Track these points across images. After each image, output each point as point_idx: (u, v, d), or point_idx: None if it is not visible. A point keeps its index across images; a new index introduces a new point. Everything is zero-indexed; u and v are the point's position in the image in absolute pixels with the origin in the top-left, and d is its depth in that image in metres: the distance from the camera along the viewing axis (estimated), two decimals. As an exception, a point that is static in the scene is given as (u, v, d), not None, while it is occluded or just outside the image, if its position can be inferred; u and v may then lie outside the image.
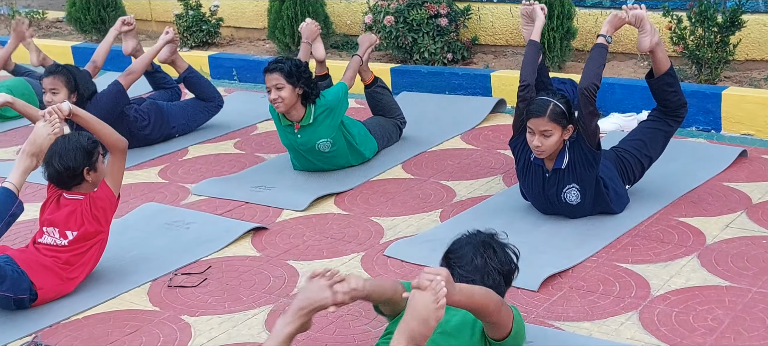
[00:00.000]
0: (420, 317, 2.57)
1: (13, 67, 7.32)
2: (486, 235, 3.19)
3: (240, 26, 8.99)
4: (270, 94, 5.08)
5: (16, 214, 3.84)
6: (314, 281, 2.86)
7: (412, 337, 2.57)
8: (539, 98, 4.26)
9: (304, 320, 2.85)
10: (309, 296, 2.84)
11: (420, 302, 2.58)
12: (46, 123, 3.95)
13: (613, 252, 4.10)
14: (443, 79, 6.90)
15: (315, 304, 2.83)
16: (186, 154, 6.04)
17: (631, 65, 6.77)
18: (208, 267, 4.28)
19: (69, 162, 4.00)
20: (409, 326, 2.57)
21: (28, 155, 3.89)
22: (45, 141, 3.92)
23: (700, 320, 3.48)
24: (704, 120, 5.83)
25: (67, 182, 4.05)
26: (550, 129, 4.18)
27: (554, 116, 4.16)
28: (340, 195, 5.08)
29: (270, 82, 5.07)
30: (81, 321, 3.88)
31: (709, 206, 4.53)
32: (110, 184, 4.10)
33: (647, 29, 4.40)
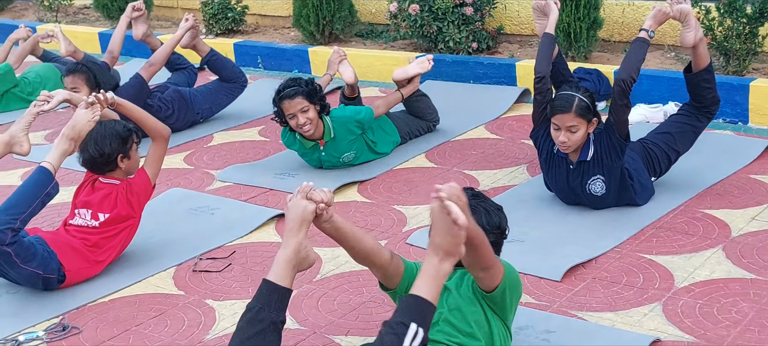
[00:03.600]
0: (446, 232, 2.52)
1: (42, 53, 7.39)
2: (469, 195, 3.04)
3: (265, 14, 9.02)
4: (294, 121, 4.94)
5: (52, 194, 3.90)
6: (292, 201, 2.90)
7: (446, 251, 2.53)
8: (563, 93, 4.24)
9: (297, 240, 2.86)
10: (291, 215, 2.88)
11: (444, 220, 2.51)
12: (87, 110, 4.01)
13: (637, 243, 4.09)
14: (468, 68, 6.89)
15: (298, 217, 2.87)
16: (211, 140, 6.08)
17: (658, 56, 6.73)
18: (233, 252, 4.31)
19: (104, 148, 4.07)
20: (440, 243, 2.53)
21: (68, 139, 3.96)
22: (85, 126, 3.99)
23: (724, 313, 3.47)
24: (731, 112, 5.79)
25: (101, 167, 4.12)
26: (576, 124, 4.16)
27: (580, 111, 4.15)
28: (364, 183, 5.09)
29: (294, 108, 4.91)
30: (107, 304, 3.93)
31: (735, 199, 4.50)
32: (149, 172, 4.17)
33: (692, 24, 4.33)
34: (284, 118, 5.02)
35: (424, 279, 2.57)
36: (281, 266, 2.85)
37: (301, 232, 2.88)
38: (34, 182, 3.86)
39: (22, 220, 3.78)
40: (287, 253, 2.86)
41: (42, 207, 3.89)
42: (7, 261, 3.80)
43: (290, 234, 2.88)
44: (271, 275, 2.85)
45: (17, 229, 3.77)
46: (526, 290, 3.70)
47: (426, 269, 2.58)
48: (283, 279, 2.84)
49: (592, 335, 3.35)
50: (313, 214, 2.89)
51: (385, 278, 3.17)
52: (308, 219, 2.89)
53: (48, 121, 6.56)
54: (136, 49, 8.22)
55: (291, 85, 4.97)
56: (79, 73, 5.66)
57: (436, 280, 2.56)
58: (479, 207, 3.07)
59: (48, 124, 6.51)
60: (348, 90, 5.59)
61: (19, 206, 3.80)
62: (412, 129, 5.65)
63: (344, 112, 5.19)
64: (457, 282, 3.06)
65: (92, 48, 8.69)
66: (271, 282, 2.83)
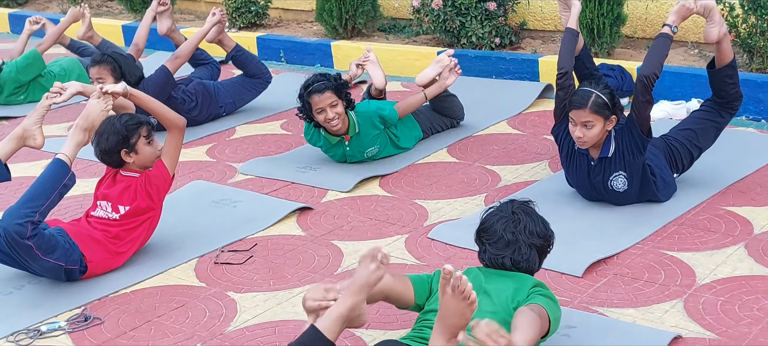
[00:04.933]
0: (457, 314, 2.62)
1: (68, 42, 7.45)
2: (517, 205, 3.20)
3: (288, 8, 9.04)
4: (323, 115, 4.93)
5: (69, 185, 3.92)
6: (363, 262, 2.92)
7: (452, 333, 2.63)
8: (581, 89, 4.22)
9: (356, 300, 2.89)
10: (357, 275, 2.90)
11: (454, 304, 2.62)
12: (100, 100, 4.03)
13: (659, 240, 4.08)
14: (491, 63, 6.88)
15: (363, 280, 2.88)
16: (233, 133, 6.11)
17: (681, 53, 6.69)
18: (254, 245, 4.33)
19: (102, 144, 4.11)
20: (447, 325, 2.63)
21: (81, 130, 3.98)
22: (98, 117, 4.01)
23: (746, 310, 3.45)
24: (755, 109, 5.74)
25: (108, 163, 4.17)
26: (592, 120, 4.15)
27: (596, 108, 4.13)
28: (385, 177, 5.10)
29: (323, 102, 4.92)
30: (129, 295, 3.96)
31: (758, 196, 4.47)
32: (166, 162, 4.18)
33: (716, 19, 4.30)
34: (311, 113, 5.01)
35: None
36: (333, 320, 2.87)
37: (362, 293, 2.90)
38: (51, 174, 3.88)
39: (41, 213, 3.80)
40: (342, 310, 2.88)
41: (60, 199, 3.90)
42: (28, 254, 3.82)
43: (351, 293, 2.89)
44: (320, 323, 2.87)
45: (37, 222, 3.79)
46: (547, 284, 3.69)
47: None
48: (330, 332, 2.86)
49: (612, 331, 3.34)
50: (378, 280, 2.91)
51: (400, 304, 3.23)
52: (372, 284, 2.90)
53: (71, 114, 6.61)
54: (159, 42, 8.27)
55: (320, 79, 4.98)
56: (105, 64, 5.69)
57: None
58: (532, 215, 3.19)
59: (71, 116, 6.56)
60: (375, 92, 5.59)
61: (37, 199, 3.81)
62: (434, 125, 5.65)
63: (369, 107, 5.19)
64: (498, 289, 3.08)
65: (115, 41, 8.72)
66: (319, 331, 2.85)
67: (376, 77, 5.54)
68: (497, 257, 3.13)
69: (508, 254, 3.11)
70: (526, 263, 3.13)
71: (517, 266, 3.13)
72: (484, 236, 3.20)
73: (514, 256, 3.12)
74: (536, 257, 3.17)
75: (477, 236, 3.24)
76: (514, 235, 3.11)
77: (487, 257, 3.18)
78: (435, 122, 5.64)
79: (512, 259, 3.12)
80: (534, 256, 3.15)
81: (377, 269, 2.89)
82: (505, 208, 3.20)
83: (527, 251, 3.12)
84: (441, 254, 4.11)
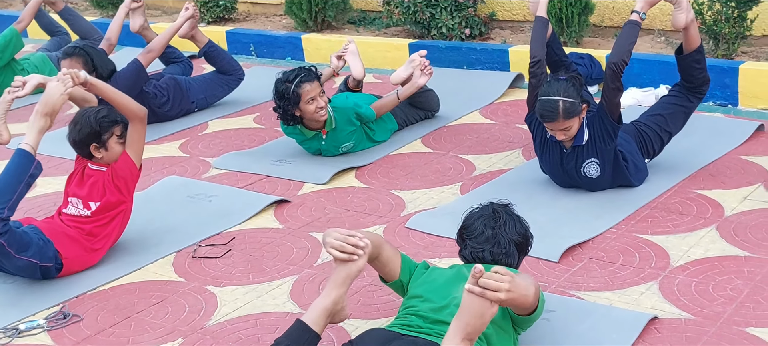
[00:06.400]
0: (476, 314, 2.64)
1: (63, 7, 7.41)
2: (497, 205, 3.26)
3: (256, 2, 9.02)
4: (313, 104, 4.91)
5: (35, 174, 3.85)
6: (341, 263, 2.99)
7: (468, 333, 2.64)
8: (545, 99, 4.16)
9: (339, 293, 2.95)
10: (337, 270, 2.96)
11: (475, 302, 2.64)
12: (59, 82, 3.98)
13: (633, 224, 4.14)
14: (461, 54, 6.92)
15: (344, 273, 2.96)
16: (206, 128, 6.10)
17: (648, 40, 6.77)
18: (232, 239, 4.34)
19: (74, 134, 4.11)
20: (464, 324, 2.64)
21: (42, 115, 3.90)
22: (58, 100, 3.94)
23: (719, 290, 3.52)
24: (721, 95, 5.84)
25: (79, 151, 4.16)
26: (568, 125, 4.20)
27: (567, 114, 4.15)
28: (361, 169, 5.12)
29: (314, 91, 4.91)
30: (107, 291, 3.95)
31: (727, 179, 4.55)
32: (131, 154, 4.15)
33: (683, 6, 4.36)
34: (295, 105, 4.95)
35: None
36: (318, 313, 2.93)
37: (344, 286, 2.96)
38: (15, 166, 3.81)
39: (9, 207, 3.74)
40: (326, 302, 2.93)
41: (28, 189, 3.85)
42: (1, 253, 3.79)
43: (334, 286, 2.95)
44: (306, 317, 2.92)
45: (5, 218, 3.73)
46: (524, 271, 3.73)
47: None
48: (316, 324, 2.91)
49: (591, 313, 3.39)
50: (360, 271, 2.98)
51: (386, 273, 3.26)
52: (353, 276, 2.97)
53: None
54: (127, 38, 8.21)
55: (306, 69, 5.00)
56: (77, 57, 5.66)
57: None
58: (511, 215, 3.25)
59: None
60: (353, 83, 5.61)
61: (4, 193, 3.74)
62: (409, 117, 5.67)
63: (346, 103, 5.20)
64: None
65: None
66: (305, 324, 2.90)
67: (355, 68, 5.56)
68: (477, 251, 3.18)
69: (488, 248, 3.16)
70: (505, 257, 3.17)
71: (497, 259, 3.17)
72: (465, 233, 3.25)
73: (493, 249, 3.16)
74: (516, 252, 3.22)
75: (458, 234, 3.29)
76: (494, 230, 3.17)
77: (468, 252, 3.22)
78: (410, 115, 5.67)
79: (492, 252, 3.16)
80: (513, 251, 3.20)
81: (358, 260, 2.93)
82: (486, 208, 3.26)
83: (507, 246, 3.17)
84: (419, 243, 4.14)
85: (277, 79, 5.04)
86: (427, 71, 5.41)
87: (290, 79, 4.95)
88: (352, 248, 2.96)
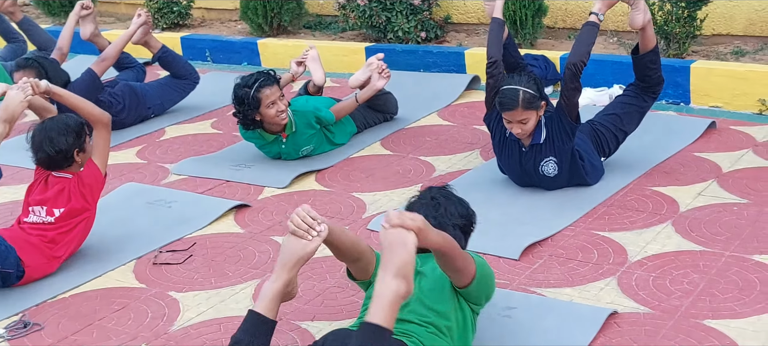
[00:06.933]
0: (399, 243, 2.60)
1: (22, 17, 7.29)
2: (435, 191, 3.24)
3: (211, 7, 8.98)
4: (273, 109, 4.92)
5: None
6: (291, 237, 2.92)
7: (397, 266, 2.59)
8: (507, 88, 4.26)
9: (289, 276, 2.90)
10: (289, 249, 2.91)
11: (391, 234, 2.62)
12: (19, 90, 3.96)
13: (591, 221, 4.21)
14: (418, 57, 6.97)
15: (294, 256, 2.91)
16: (163, 134, 6.06)
17: (600, 41, 6.87)
18: (193, 244, 4.32)
19: (61, 145, 4.03)
20: (390, 259, 2.59)
21: (2, 122, 3.89)
22: (18, 108, 3.93)
23: (676, 284, 3.59)
24: (674, 93, 5.95)
25: (59, 164, 4.09)
26: (526, 116, 4.26)
27: (527, 104, 4.23)
28: (321, 172, 5.13)
29: (274, 95, 4.91)
30: (68, 299, 3.92)
31: (682, 176, 4.65)
32: (97, 161, 4.13)
33: (641, 6, 4.43)
34: (255, 110, 4.94)
35: (378, 303, 2.56)
36: (269, 299, 2.88)
37: (295, 269, 2.91)
38: None
39: None
40: (277, 286, 2.89)
41: None
42: None
43: (284, 269, 2.90)
44: (258, 306, 2.88)
45: None
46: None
47: (379, 291, 2.57)
48: (270, 312, 2.88)
49: (552, 309, 3.45)
50: (312, 254, 2.91)
51: (360, 272, 3.21)
52: (305, 259, 2.91)
53: None
54: (80, 46, 8.12)
55: (265, 73, 5.00)
56: (30, 69, 5.59)
57: (390, 303, 2.56)
58: (451, 198, 3.22)
59: None
60: (313, 89, 5.62)
61: None
62: (368, 120, 5.70)
63: (306, 107, 5.21)
64: (432, 266, 3.11)
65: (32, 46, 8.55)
66: (259, 314, 2.86)
67: (316, 74, 5.59)
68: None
69: None
70: None
71: None
72: None
73: None
74: (461, 236, 3.22)
75: None
76: (437, 219, 3.14)
77: None
78: (368, 117, 5.69)
79: None
80: (459, 235, 3.19)
81: (312, 242, 2.89)
82: (424, 195, 3.24)
83: (452, 231, 3.15)
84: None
85: (236, 84, 5.03)
86: (385, 74, 5.45)
87: (250, 83, 4.95)
88: (307, 226, 2.91)
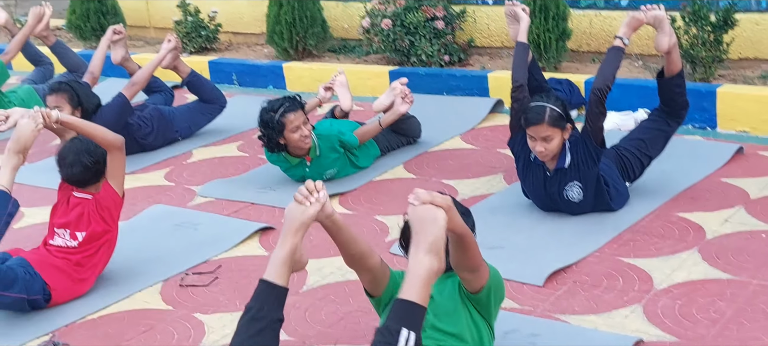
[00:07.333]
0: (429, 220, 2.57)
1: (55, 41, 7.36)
2: None
3: (238, 31, 9.07)
4: (297, 133, 4.98)
5: (13, 213, 3.87)
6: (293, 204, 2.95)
7: (429, 242, 2.56)
8: (534, 105, 4.31)
9: (294, 241, 2.91)
10: (291, 216, 2.94)
11: (421, 210, 2.59)
12: (30, 119, 3.99)
13: (616, 247, 4.20)
14: (441, 80, 6.99)
15: (296, 221, 2.93)
16: (190, 157, 6.12)
17: (626, 65, 6.85)
18: (219, 266, 4.36)
19: (98, 157, 4.11)
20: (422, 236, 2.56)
21: (14, 153, 3.91)
22: (29, 137, 3.95)
23: (702, 312, 3.57)
24: (700, 118, 5.93)
25: (90, 179, 4.14)
26: (551, 134, 4.26)
27: (553, 121, 4.24)
28: (344, 195, 5.16)
29: (298, 120, 4.99)
30: (96, 321, 3.96)
31: (708, 202, 4.62)
32: (113, 183, 4.17)
33: (666, 30, 4.42)
34: (280, 134, 5.01)
35: (411, 280, 2.56)
36: (278, 266, 2.89)
37: (298, 234, 2.93)
38: None
39: None
40: (284, 252, 2.90)
41: (6, 228, 3.85)
42: None
43: (288, 235, 2.92)
44: (267, 274, 2.89)
45: None
46: (509, 295, 3.77)
47: (412, 268, 2.56)
48: (279, 278, 2.88)
49: (576, 337, 3.44)
50: (313, 218, 2.93)
51: (371, 284, 3.22)
52: (307, 223, 2.93)
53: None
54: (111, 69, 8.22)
55: (290, 99, 5.05)
56: (62, 93, 5.67)
57: (424, 279, 2.55)
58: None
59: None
60: (340, 113, 5.66)
61: None
62: (391, 143, 5.73)
63: (331, 130, 5.26)
64: (440, 287, 3.11)
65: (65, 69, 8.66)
66: (268, 281, 2.88)
67: (344, 100, 5.64)
68: None
69: None
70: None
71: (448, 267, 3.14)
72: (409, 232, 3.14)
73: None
74: None
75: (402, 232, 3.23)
76: None
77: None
78: (392, 141, 5.72)
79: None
80: None
81: (311, 206, 2.91)
82: None
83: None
84: (404, 268, 4.15)
85: (262, 108, 5.08)
86: (408, 99, 5.49)
87: (275, 108, 5.00)
88: (306, 192, 2.93)
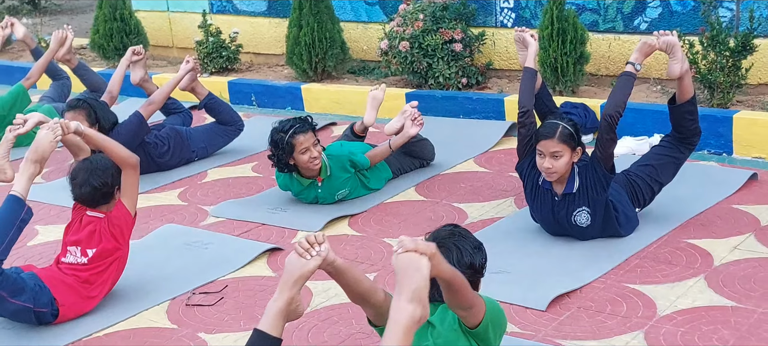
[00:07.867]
0: (413, 268, 2.53)
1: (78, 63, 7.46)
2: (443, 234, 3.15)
3: (259, 52, 9.14)
4: (307, 154, 5.02)
5: (26, 219, 3.94)
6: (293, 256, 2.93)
7: (411, 290, 2.52)
8: (548, 121, 4.37)
9: (291, 294, 2.90)
10: (290, 268, 2.93)
11: (404, 258, 2.55)
12: (49, 130, 4.06)
13: (622, 273, 4.17)
14: (457, 103, 7.00)
15: (295, 274, 2.91)
16: (205, 177, 6.17)
17: (643, 89, 6.84)
18: (225, 287, 4.39)
19: (107, 178, 4.15)
20: (404, 284, 2.52)
21: (32, 162, 3.99)
22: (47, 147, 4.01)
23: (705, 340, 3.54)
24: (716, 143, 5.89)
25: (100, 200, 4.18)
26: (560, 150, 4.27)
27: (563, 138, 4.26)
28: (354, 217, 5.18)
29: (308, 142, 5.03)
30: (102, 338, 4.00)
31: (718, 228, 4.59)
32: (126, 202, 4.22)
33: (678, 56, 4.41)
34: (289, 155, 5.06)
35: (392, 328, 2.51)
36: (273, 317, 2.90)
37: (296, 286, 2.92)
38: (6, 211, 3.89)
39: (2, 251, 3.82)
40: (280, 304, 2.91)
41: (19, 234, 3.92)
42: None
43: (286, 287, 2.92)
44: (262, 324, 2.91)
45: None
46: (511, 320, 3.77)
47: (394, 316, 2.51)
48: (274, 329, 2.89)
49: (575, 362, 3.42)
50: (312, 272, 2.92)
51: (376, 317, 3.21)
52: (306, 276, 2.92)
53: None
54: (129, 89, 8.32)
55: (301, 119, 5.10)
56: (80, 110, 5.75)
57: (405, 327, 2.50)
58: (452, 245, 3.09)
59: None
60: (359, 127, 5.70)
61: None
62: (404, 166, 5.75)
63: (341, 151, 5.29)
64: (441, 316, 3.09)
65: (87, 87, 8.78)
66: (263, 332, 2.89)
67: (369, 114, 5.70)
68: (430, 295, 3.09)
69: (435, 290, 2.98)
70: None
71: None
72: None
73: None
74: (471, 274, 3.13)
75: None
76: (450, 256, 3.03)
77: None
78: (404, 163, 5.74)
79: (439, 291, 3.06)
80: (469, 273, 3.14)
81: (311, 260, 2.89)
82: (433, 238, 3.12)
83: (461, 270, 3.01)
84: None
85: (273, 128, 5.13)
86: (418, 122, 5.50)
87: (285, 129, 5.04)
88: (308, 246, 2.91)
